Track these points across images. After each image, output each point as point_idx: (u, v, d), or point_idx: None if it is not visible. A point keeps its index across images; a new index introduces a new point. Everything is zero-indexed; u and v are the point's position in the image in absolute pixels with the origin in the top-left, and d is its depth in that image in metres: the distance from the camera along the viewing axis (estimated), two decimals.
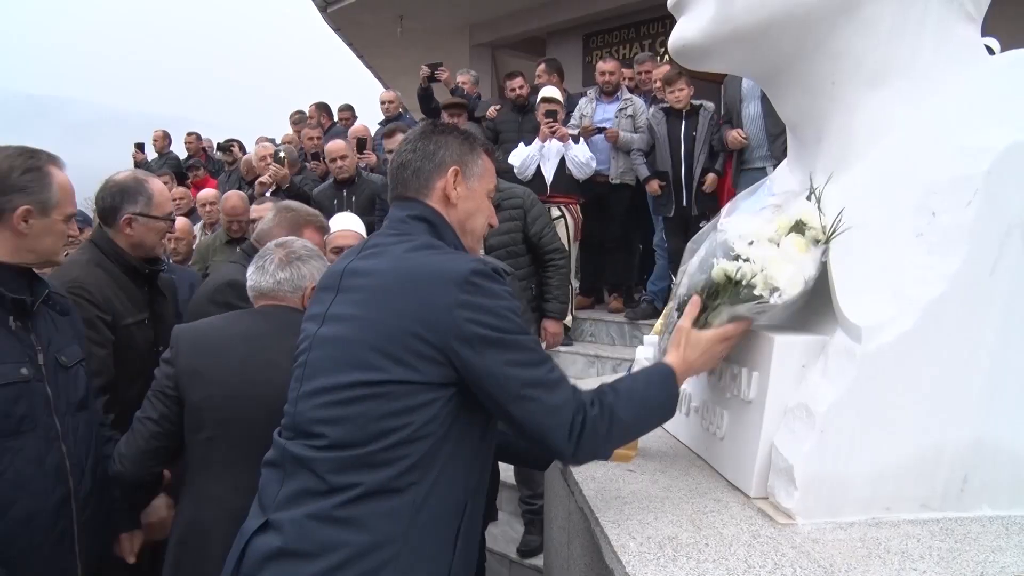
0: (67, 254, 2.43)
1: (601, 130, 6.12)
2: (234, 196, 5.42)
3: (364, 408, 1.37)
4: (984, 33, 1.51)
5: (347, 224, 3.91)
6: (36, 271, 2.07)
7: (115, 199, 2.53)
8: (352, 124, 8.81)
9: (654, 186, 5.90)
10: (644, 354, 2.06)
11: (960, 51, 1.42)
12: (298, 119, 9.44)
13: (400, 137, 5.73)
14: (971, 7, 1.42)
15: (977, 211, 1.24)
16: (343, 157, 5.93)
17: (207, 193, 6.72)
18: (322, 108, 9.44)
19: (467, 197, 1.67)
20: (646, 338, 2.18)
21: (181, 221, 4.92)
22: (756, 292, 1.34)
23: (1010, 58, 1.44)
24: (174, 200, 6.17)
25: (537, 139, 5.97)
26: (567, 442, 1.35)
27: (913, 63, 1.41)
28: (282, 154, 6.40)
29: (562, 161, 6.06)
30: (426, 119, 6.75)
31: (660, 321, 1.77)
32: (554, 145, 5.96)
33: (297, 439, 1.45)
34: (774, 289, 1.33)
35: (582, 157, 5.89)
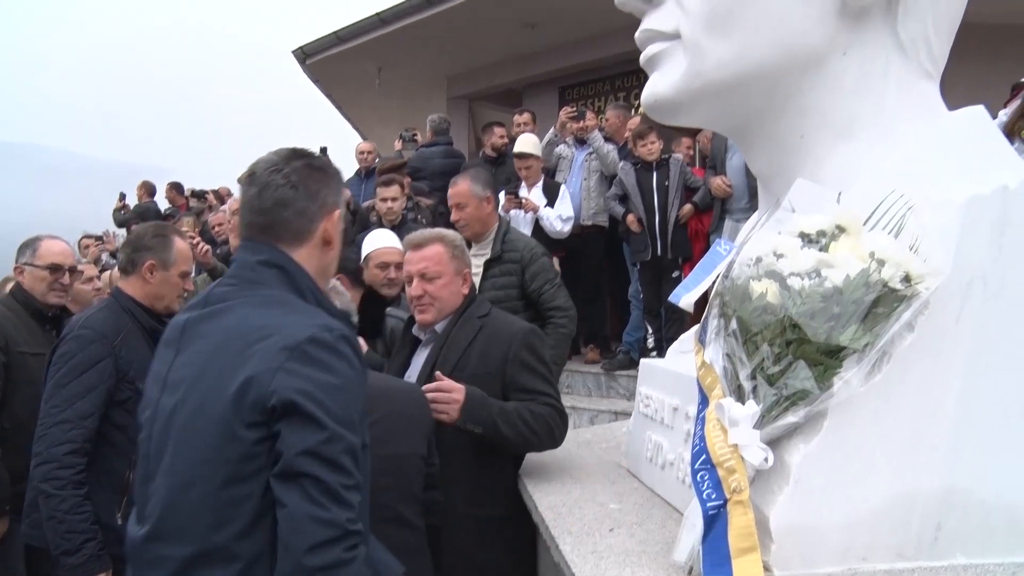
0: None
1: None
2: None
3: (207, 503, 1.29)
4: (942, 90, 1.55)
5: (387, 241, 3.88)
6: None
7: (16, 251, 3.17)
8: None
9: (632, 219, 5.90)
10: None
11: (920, 106, 1.47)
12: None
13: (397, 188, 5.74)
14: (929, 65, 1.47)
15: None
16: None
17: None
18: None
19: (338, 239, 1.59)
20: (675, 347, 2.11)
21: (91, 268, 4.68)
22: (895, 286, 1.19)
23: (966, 114, 1.49)
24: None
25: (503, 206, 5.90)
26: (308, 553, 1.23)
27: (877, 117, 1.45)
28: None
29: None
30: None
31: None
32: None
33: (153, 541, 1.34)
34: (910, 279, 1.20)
35: (557, 226, 5.91)
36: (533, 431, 2.31)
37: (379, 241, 3.91)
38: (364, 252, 3.91)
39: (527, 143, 6.31)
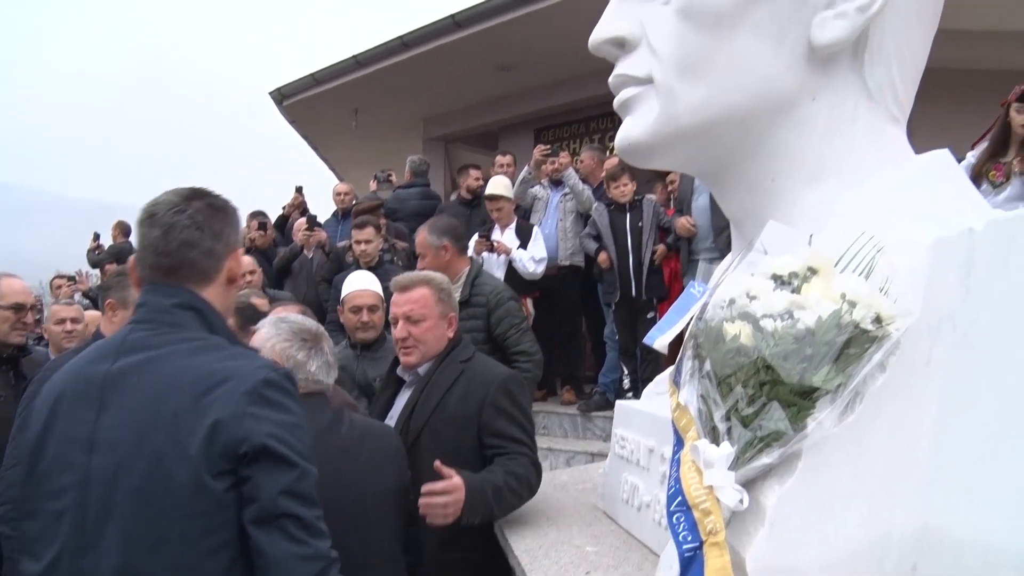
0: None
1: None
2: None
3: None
4: (909, 133, 1.59)
5: (362, 284, 3.88)
6: None
7: None
8: (303, 206, 8.81)
9: (604, 257, 5.94)
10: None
11: (888, 150, 1.50)
12: None
13: (371, 230, 5.76)
14: (895, 110, 1.50)
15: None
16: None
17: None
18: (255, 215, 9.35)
19: (239, 276, 1.60)
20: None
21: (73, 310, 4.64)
22: (866, 326, 1.19)
23: (932, 157, 1.52)
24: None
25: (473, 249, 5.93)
26: None
27: (846, 160, 1.48)
28: None
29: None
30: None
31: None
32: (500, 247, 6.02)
33: None
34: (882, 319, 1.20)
35: (530, 267, 5.95)
36: (519, 497, 2.32)
37: (354, 284, 3.91)
38: (341, 295, 3.92)
39: (498, 185, 6.36)
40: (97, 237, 10.21)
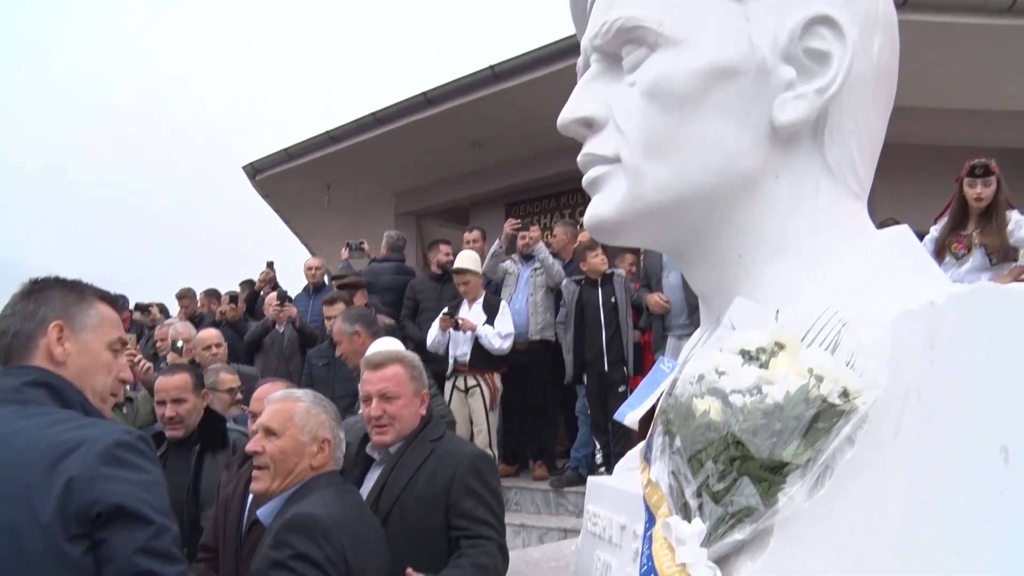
0: None
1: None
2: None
3: None
4: (871, 207, 1.63)
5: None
6: None
7: None
8: (273, 281, 8.80)
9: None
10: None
11: (849, 226, 1.53)
12: (183, 294, 9.33)
13: (342, 305, 5.80)
14: (856, 187, 1.54)
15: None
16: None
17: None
18: (211, 295, 9.34)
19: (79, 353, 1.57)
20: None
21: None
22: (833, 401, 1.20)
23: (893, 233, 1.56)
24: None
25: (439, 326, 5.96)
26: None
27: (810, 237, 1.51)
28: (180, 344, 6.41)
29: None
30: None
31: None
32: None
33: None
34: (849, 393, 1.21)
35: (496, 343, 5.97)
36: None
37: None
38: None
39: (465, 259, 6.43)
40: None
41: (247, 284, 9.10)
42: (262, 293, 8.67)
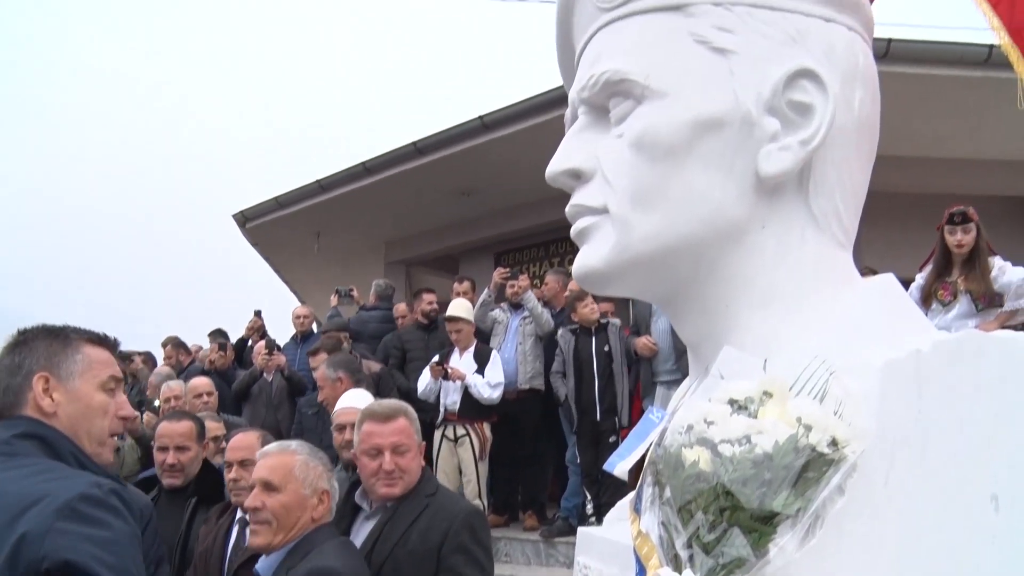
0: None
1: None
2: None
3: None
4: (858, 254, 1.64)
5: (354, 402, 3.90)
6: None
7: None
8: (262, 329, 8.78)
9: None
10: None
11: (835, 275, 1.55)
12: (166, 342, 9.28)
13: (324, 356, 5.80)
14: (841, 236, 1.56)
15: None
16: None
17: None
18: (179, 346, 9.29)
19: (68, 402, 1.56)
20: None
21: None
22: (822, 450, 1.19)
23: (878, 281, 1.57)
24: None
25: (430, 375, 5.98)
26: None
27: (796, 286, 1.52)
28: (156, 403, 6.41)
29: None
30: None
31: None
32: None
33: None
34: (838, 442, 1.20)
35: (486, 393, 5.96)
36: None
37: (345, 402, 3.94)
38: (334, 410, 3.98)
39: (458, 307, 6.46)
40: None
41: (218, 334, 9.04)
42: (250, 342, 8.64)
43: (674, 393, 1.85)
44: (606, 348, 5.99)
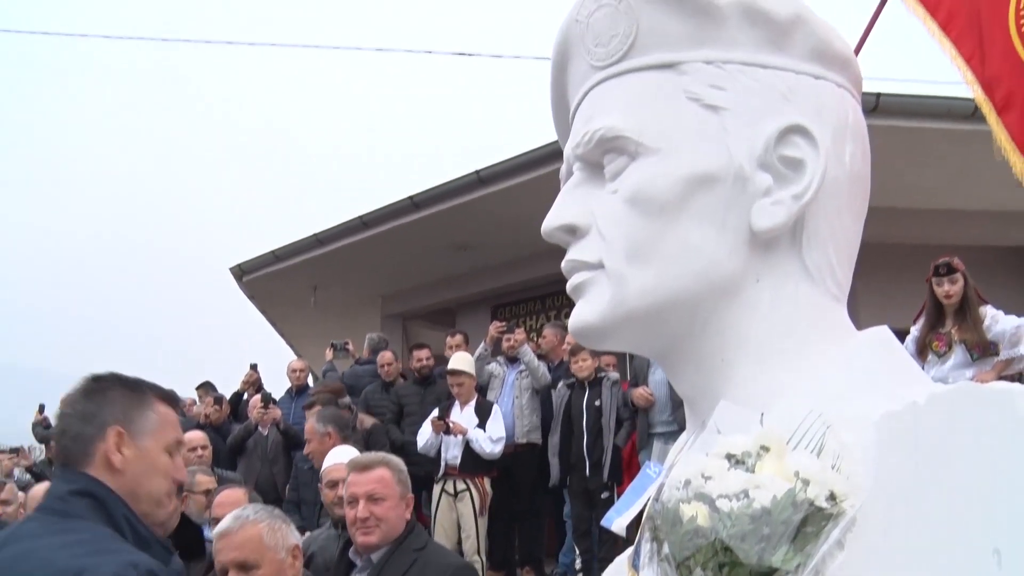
0: None
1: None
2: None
3: None
4: (854, 305, 1.65)
5: (344, 458, 3.95)
6: None
7: None
8: (257, 383, 8.76)
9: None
10: None
11: (830, 328, 1.56)
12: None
13: (318, 409, 5.79)
14: (835, 289, 1.58)
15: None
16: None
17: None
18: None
19: (137, 459, 1.55)
20: None
21: None
22: (821, 504, 1.19)
23: (872, 334, 1.58)
24: None
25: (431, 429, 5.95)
26: None
27: (791, 340, 1.53)
28: None
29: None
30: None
31: None
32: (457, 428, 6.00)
33: None
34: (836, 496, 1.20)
35: (487, 447, 5.94)
36: None
37: (334, 458, 4.00)
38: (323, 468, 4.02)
39: (460, 361, 6.47)
40: (42, 409, 10.01)
41: (207, 386, 9.01)
42: (246, 395, 8.60)
43: (671, 447, 1.84)
44: (597, 403, 5.99)
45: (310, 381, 8.75)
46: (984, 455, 1.37)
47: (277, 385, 8.95)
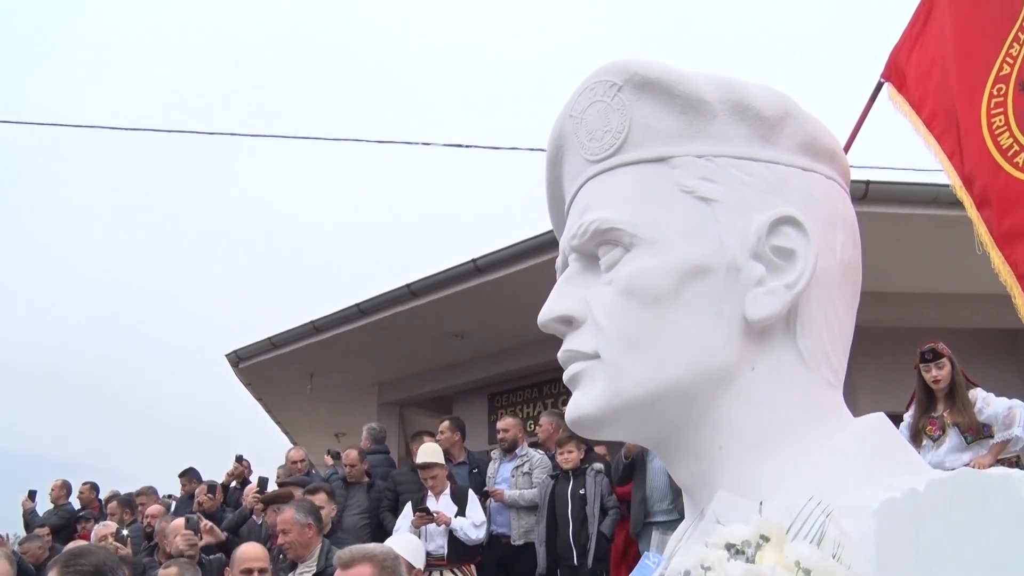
0: None
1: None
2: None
3: None
4: (851, 389, 1.66)
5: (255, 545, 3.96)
6: None
7: None
8: (243, 475, 8.67)
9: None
10: None
11: (826, 415, 1.56)
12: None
13: (297, 500, 5.73)
14: (830, 376, 1.58)
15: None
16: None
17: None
18: (124, 504, 9.16)
19: None
20: None
21: None
22: None
23: (869, 420, 1.58)
24: None
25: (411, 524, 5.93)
26: None
27: (788, 428, 1.53)
28: (125, 532, 6.39)
29: None
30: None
31: None
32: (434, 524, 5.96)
33: None
34: None
35: (472, 534, 5.89)
36: None
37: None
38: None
39: (429, 453, 6.49)
40: (33, 495, 9.85)
41: (189, 473, 8.93)
42: (233, 485, 8.55)
43: (669, 537, 1.82)
44: (581, 492, 5.95)
45: (312, 471, 8.69)
46: (986, 543, 1.36)
47: (270, 469, 8.85)
